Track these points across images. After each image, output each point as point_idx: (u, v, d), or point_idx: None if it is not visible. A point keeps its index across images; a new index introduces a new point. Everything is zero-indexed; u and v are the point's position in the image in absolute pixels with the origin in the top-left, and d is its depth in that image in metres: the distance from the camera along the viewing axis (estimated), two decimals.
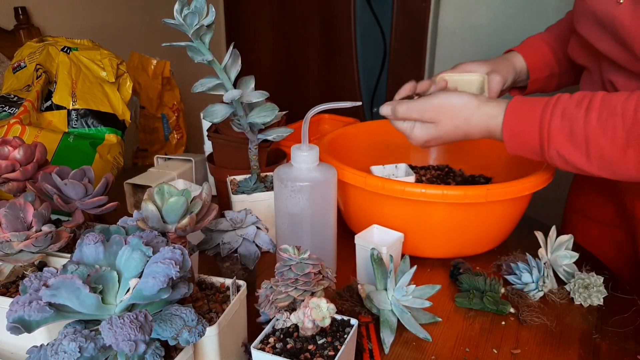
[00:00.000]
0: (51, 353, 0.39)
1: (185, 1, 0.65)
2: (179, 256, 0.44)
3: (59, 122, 0.94)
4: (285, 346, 0.50)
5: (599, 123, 0.60)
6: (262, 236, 0.68)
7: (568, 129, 0.62)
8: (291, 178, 0.66)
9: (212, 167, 0.95)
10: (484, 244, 0.81)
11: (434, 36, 1.81)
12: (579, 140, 0.62)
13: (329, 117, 1.24)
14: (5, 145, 0.67)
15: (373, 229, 0.75)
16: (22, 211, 0.57)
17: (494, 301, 0.68)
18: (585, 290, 0.69)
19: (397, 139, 1.04)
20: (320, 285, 0.54)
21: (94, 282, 0.43)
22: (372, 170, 0.94)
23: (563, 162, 0.64)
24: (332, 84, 2.15)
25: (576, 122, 0.62)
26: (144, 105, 1.43)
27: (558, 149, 0.63)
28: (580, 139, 0.61)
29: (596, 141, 0.60)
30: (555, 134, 0.63)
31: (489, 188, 0.71)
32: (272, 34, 2.21)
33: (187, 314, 0.45)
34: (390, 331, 0.62)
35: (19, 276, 0.59)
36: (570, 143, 0.62)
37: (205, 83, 0.72)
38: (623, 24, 0.63)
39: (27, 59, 1.00)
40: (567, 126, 0.62)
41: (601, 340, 0.64)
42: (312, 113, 0.65)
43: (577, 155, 0.62)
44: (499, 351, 0.61)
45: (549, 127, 0.63)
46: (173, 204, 0.52)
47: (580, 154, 0.62)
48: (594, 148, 0.61)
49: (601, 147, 0.60)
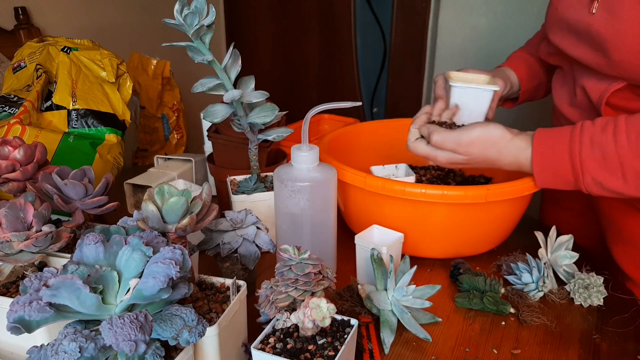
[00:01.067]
0: (51, 353, 0.39)
1: (186, 1, 0.65)
2: (179, 256, 0.44)
3: (59, 122, 0.94)
4: (285, 346, 0.50)
5: (629, 145, 0.62)
6: (262, 236, 0.68)
7: (600, 156, 0.64)
8: (291, 178, 0.66)
9: (212, 167, 0.95)
10: (484, 244, 0.81)
11: (434, 36, 1.81)
12: (613, 164, 0.63)
13: (329, 117, 1.24)
14: (6, 145, 0.67)
15: (373, 229, 0.75)
16: (22, 211, 0.57)
17: (494, 301, 0.68)
18: (585, 291, 0.69)
19: (398, 139, 1.05)
20: (320, 286, 0.54)
21: (94, 282, 0.43)
22: (372, 171, 0.94)
23: (599, 188, 0.66)
24: (332, 84, 2.15)
25: (607, 148, 0.63)
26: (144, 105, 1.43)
27: (594, 176, 0.65)
28: (615, 164, 0.63)
29: (630, 164, 0.62)
30: (587, 162, 0.64)
31: (489, 188, 0.71)
32: (272, 34, 2.21)
33: (187, 314, 0.45)
34: (390, 331, 0.62)
35: (19, 276, 0.59)
36: (605, 169, 0.64)
37: (205, 83, 0.72)
38: (599, 32, 0.65)
39: (27, 59, 1.00)
40: (599, 153, 0.64)
41: (601, 340, 0.64)
42: (312, 113, 0.65)
43: (613, 179, 0.64)
44: (499, 351, 0.61)
45: (580, 156, 0.65)
46: (173, 204, 0.52)
47: (616, 178, 0.64)
48: (629, 170, 0.62)
49: (636, 168, 0.62)
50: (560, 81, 0.84)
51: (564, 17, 0.71)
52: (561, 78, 0.84)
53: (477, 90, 0.85)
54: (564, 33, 0.73)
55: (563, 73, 0.83)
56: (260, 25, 2.22)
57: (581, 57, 0.70)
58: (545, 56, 0.86)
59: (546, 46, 0.85)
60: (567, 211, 0.98)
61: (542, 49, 0.87)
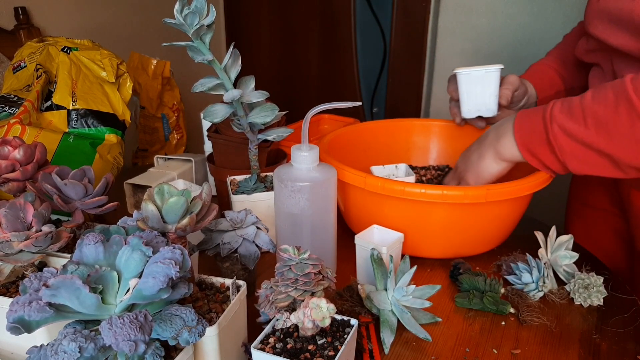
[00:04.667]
0: (51, 353, 0.39)
1: (186, 1, 0.65)
2: (179, 256, 0.44)
3: (59, 122, 0.94)
4: (285, 346, 0.50)
5: (593, 95, 0.68)
6: (262, 236, 0.68)
7: (567, 108, 0.70)
8: (291, 178, 0.66)
9: (212, 167, 0.95)
10: (484, 244, 0.81)
11: (434, 36, 1.81)
12: (577, 113, 0.69)
13: (329, 117, 1.24)
14: (5, 145, 0.67)
15: (373, 229, 0.75)
16: (22, 211, 0.57)
17: (494, 301, 0.68)
18: (585, 291, 0.69)
19: (398, 139, 1.05)
20: (320, 286, 0.54)
21: (94, 282, 0.43)
22: (372, 171, 0.94)
23: (565, 135, 0.69)
24: (332, 84, 2.15)
25: (574, 101, 0.70)
26: (144, 105, 1.43)
27: (559, 123, 0.70)
28: (578, 111, 0.69)
29: (590, 108, 0.67)
30: (556, 113, 0.71)
31: (489, 188, 0.71)
32: (272, 34, 2.21)
33: (187, 314, 0.45)
34: (390, 331, 0.62)
35: (19, 276, 0.59)
36: (570, 117, 0.69)
37: (205, 83, 0.72)
38: None
39: (27, 59, 1.00)
40: (566, 106, 0.70)
41: (601, 340, 0.64)
42: (312, 113, 0.65)
43: (576, 126, 0.69)
44: (499, 351, 0.61)
45: (551, 111, 0.71)
46: (173, 204, 0.52)
47: (578, 125, 0.68)
48: (589, 115, 0.67)
49: (595, 111, 0.67)
50: (598, 78, 0.85)
51: (606, 9, 0.74)
52: (599, 75, 0.85)
53: (481, 72, 0.87)
54: (604, 25, 0.75)
55: (601, 70, 0.84)
56: (260, 25, 2.21)
57: (623, 46, 0.73)
58: (583, 54, 0.87)
59: (585, 43, 0.86)
60: (592, 210, 0.98)
61: (580, 46, 0.88)
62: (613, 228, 0.95)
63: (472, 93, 0.90)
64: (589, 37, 0.83)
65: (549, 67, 0.98)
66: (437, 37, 1.80)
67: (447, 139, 1.04)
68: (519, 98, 0.93)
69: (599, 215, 0.97)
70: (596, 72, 0.86)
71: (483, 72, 0.88)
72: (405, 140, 1.05)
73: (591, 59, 0.86)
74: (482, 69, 0.88)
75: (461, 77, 0.90)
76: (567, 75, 0.97)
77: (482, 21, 1.70)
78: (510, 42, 1.66)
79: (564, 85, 0.97)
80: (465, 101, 0.91)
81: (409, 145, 1.05)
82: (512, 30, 1.65)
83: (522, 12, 1.62)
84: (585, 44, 0.86)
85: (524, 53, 1.64)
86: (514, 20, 1.64)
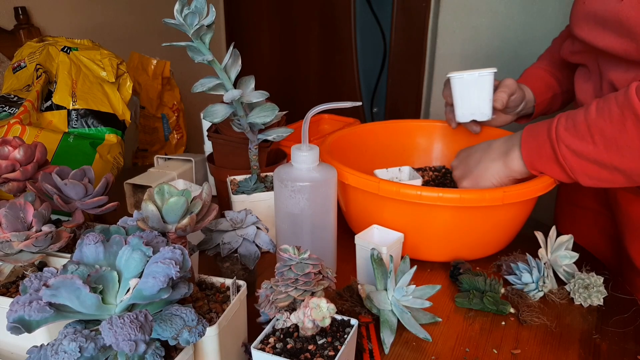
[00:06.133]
0: (51, 353, 0.39)
1: (186, 1, 0.65)
2: (179, 256, 0.44)
3: (59, 122, 0.94)
4: (285, 346, 0.50)
5: (597, 110, 0.67)
6: (262, 236, 0.68)
7: (572, 125, 0.69)
8: (291, 178, 0.66)
9: (212, 167, 0.95)
10: (485, 249, 0.81)
11: (434, 36, 1.81)
12: (583, 130, 0.68)
13: (329, 117, 1.24)
14: (5, 145, 0.67)
15: (373, 229, 0.75)
16: (22, 211, 0.57)
17: (494, 301, 0.68)
18: (585, 291, 0.69)
19: (401, 141, 1.05)
20: (320, 285, 0.54)
21: (94, 282, 0.43)
22: (376, 174, 0.94)
23: (574, 156, 0.69)
24: (332, 84, 2.14)
25: (578, 117, 0.69)
26: (144, 105, 1.43)
27: (567, 144, 0.69)
28: (584, 128, 0.68)
29: (596, 125, 0.66)
30: (561, 132, 0.70)
31: (486, 192, 0.71)
32: (272, 34, 2.21)
33: (187, 314, 0.45)
34: (390, 331, 0.62)
35: (19, 276, 0.59)
36: (576, 136, 0.68)
37: (205, 83, 0.72)
38: (629, 17, 0.67)
39: (27, 59, 1.00)
40: (571, 123, 0.69)
41: (601, 340, 0.64)
42: (312, 113, 0.65)
43: (584, 145, 0.68)
44: (499, 351, 0.61)
45: (556, 129, 0.71)
46: (173, 204, 0.52)
47: (586, 143, 0.68)
48: (596, 132, 0.66)
49: (601, 128, 0.66)
50: (584, 77, 0.85)
51: (592, 10, 0.74)
52: (585, 74, 0.85)
53: (474, 75, 0.86)
54: (590, 26, 0.75)
55: (587, 70, 0.84)
56: (260, 25, 2.21)
57: (609, 47, 0.72)
58: (568, 55, 0.87)
59: (570, 44, 0.86)
60: (580, 209, 0.99)
61: (565, 48, 0.88)
62: (601, 227, 0.95)
63: (465, 97, 0.89)
64: (574, 39, 0.83)
65: (543, 70, 0.98)
66: (437, 37, 1.79)
67: (447, 140, 1.04)
68: (516, 102, 0.92)
69: (588, 215, 0.97)
70: (582, 72, 0.86)
71: (476, 75, 0.87)
72: (408, 143, 1.05)
73: (577, 59, 0.86)
74: (475, 73, 0.87)
75: (454, 81, 0.89)
76: (562, 77, 0.97)
77: (482, 21, 1.69)
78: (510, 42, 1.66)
79: (560, 88, 0.97)
80: (459, 105, 0.91)
81: (412, 148, 1.05)
82: (512, 30, 1.65)
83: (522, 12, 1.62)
84: (570, 46, 0.86)
85: (524, 53, 1.64)
86: (514, 20, 1.64)
